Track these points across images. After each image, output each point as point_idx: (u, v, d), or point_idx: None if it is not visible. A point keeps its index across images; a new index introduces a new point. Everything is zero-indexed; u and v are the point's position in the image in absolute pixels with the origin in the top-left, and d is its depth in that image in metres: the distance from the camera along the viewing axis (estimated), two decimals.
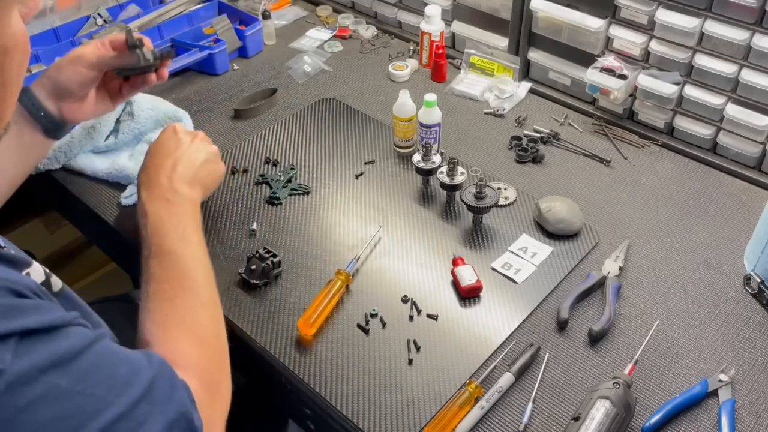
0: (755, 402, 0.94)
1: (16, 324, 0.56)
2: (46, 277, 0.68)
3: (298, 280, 1.12)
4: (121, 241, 1.23)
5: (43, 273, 0.67)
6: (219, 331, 0.89)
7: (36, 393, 0.55)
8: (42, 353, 0.57)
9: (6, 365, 0.53)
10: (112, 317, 0.78)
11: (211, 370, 0.83)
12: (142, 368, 0.66)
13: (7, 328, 0.55)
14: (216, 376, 0.83)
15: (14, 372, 0.54)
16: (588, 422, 0.86)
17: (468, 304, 1.08)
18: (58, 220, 1.91)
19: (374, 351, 1.00)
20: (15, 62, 0.61)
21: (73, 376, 0.58)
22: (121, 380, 0.62)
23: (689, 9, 1.27)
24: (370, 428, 0.91)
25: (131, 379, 0.63)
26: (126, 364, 0.65)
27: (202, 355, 0.82)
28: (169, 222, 0.97)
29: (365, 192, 1.29)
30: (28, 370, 0.55)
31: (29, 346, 0.56)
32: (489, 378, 0.97)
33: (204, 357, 0.82)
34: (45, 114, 1.08)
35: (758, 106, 1.26)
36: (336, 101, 1.54)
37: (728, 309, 1.07)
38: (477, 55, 1.61)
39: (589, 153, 1.38)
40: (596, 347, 1.01)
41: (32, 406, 0.54)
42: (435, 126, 1.32)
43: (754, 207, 1.25)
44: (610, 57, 1.41)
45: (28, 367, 0.55)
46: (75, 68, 1.07)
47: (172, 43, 1.60)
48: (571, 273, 1.12)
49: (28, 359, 0.55)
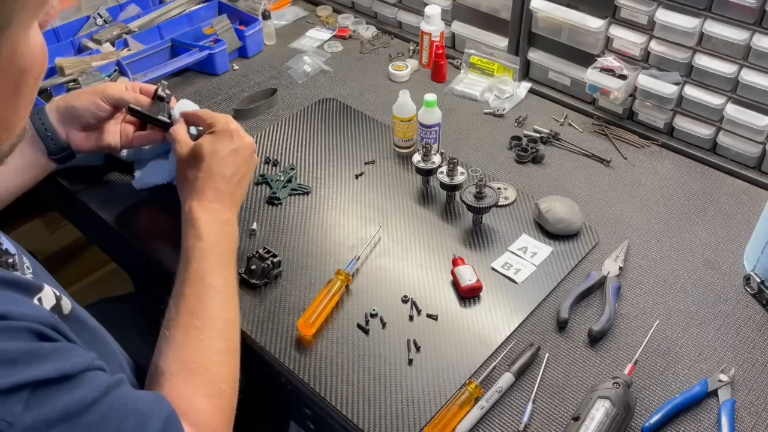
0: (755, 402, 0.94)
1: (33, 373, 0.54)
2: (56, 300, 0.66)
3: (298, 280, 1.12)
4: (121, 241, 1.23)
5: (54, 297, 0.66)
6: (235, 383, 0.86)
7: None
8: (53, 406, 0.55)
9: (16, 419, 0.52)
10: (112, 317, 0.78)
11: (221, 426, 0.81)
12: (150, 420, 0.64)
13: (22, 378, 0.54)
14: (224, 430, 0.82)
15: (22, 426, 0.53)
16: (588, 422, 0.86)
17: (468, 304, 1.08)
18: (58, 220, 1.91)
19: (374, 351, 1.00)
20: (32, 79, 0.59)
21: (80, 430, 0.57)
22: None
23: (689, 9, 1.27)
24: (370, 428, 0.91)
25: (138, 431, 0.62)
26: (134, 417, 0.63)
27: (216, 412, 0.80)
28: (219, 252, 0.93)
29: (365, 192, 1.29)
30: (36, 423, 0.54)
31: (42, 398, 0.55)
32: (489, 378, 0.97)
33: (217, 414, 0.80)
34: (52, 135, 1.08)
35: (758, 106, 1.26)
36: (336, 101, 1.54)
37: (728, 309, 1.07)
38: (477, 55, 1.61)
39: (589, 153, 1.38)
40: (596, 347, 1.01)
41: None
42: (435, 126, 1.32)
43: (754, 207, 1.25)
44: (610, 57, 1.41)
45: (37, 421, 0.54)
46: (93, 99, 1.07)
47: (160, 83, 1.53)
48: (571, 273, 1.13)
49: (38, 412, 0.54)
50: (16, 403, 0.53)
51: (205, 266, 0.90)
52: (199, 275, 0.89)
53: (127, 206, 1.25)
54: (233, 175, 1.02)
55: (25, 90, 0.58)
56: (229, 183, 1.01)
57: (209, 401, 0.79)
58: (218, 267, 0.91)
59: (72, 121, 1.08)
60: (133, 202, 1.25)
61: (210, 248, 0.92)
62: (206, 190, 0.99)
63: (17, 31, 0.54)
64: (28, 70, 0.57)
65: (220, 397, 0.81)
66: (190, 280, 0.88)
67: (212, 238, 0.93)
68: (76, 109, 1.07)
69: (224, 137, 1.03)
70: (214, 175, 1.00)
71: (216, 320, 0.86)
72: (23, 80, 0.57)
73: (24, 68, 0.56)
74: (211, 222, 0.95)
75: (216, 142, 1.02)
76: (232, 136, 1.04)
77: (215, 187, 0.99)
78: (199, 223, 0.94)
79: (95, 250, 1.42)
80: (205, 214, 0.96)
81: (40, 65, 0.59)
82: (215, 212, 0.97)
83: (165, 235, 1.18)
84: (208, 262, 0.90)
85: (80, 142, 1.11)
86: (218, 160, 1.01)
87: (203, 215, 0.96)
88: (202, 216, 0.95)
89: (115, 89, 1.08)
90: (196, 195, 0.98)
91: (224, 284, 0.91)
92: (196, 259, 0.90)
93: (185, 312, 0.85)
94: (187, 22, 1.72)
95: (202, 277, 0.89)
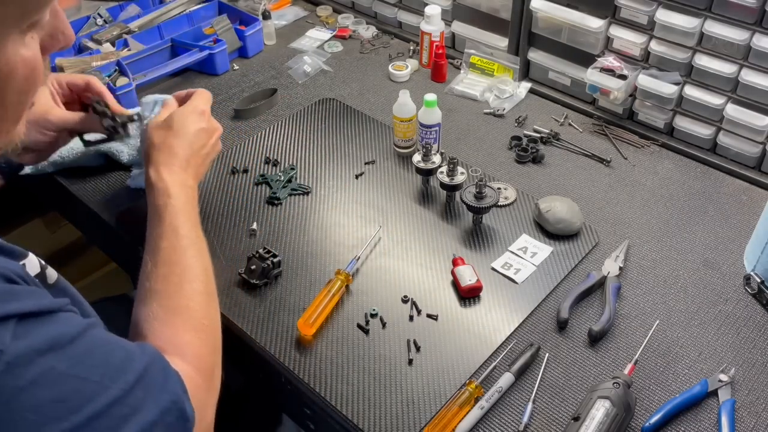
0: (755, 402, 0.94)
1: (13, 307, 0.56)
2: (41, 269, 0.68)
3: (298, 280, 1.12)
4: (121, 241, 1.23)
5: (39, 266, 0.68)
6: (217, 321, 0.90)
7: (34, 374, 0.55)
8: (39, 336, 0.57)
9: (5, 346, 0.54)
10: (112, 317, 0.78)
11: (209, 358, 0.84)
12: (135, 356, 0.67)
13: (5, 310, 0.55)
14: (212, 364, 0.84)
15: (13, 353, 0.54)
16: (588, 422, 0.86)
17: (468, 304, 1.08)
18: (58, 220, 1.91)
19: (374, 351, 1.00)
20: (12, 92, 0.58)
21: (69, 359, 0.59)
22: (115, 366, 0.63)
23: (689, 9, 1.27)
24: (370, 428, 0.91)
25: (125, 365, 0.64)
26: (120, 351, 0.66)
27: (202, 345, 0.83)
28: (188, 208, 0.97)
29: (365, 192, 1.29)
30: (26, 351, 0.55)
31: (27, 329, 0.57)
32: (489, 378, 0.97)
33: (204, 346, 0.83)
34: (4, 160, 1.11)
35: (758, 106, 1.26)
36: (336, 101, 1.54)
37: (728, 309, 1.07)
38: (477, 55, 1.61)
39: (589, 153, 1.38)
40: (596, 347, 1.01)
41: (31, 386, 0.55)
42: (435, 126, 1.32)
43: (754, 207, 1.25)
44: (610, 57, 1.41)
45: (27, 349, 0.56)
46: (41, 131, 1.08)
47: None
48: (571, 273, 1.12)
49: (26, 341, 0.56)
50: (4, 332, 0.54)
51: (177, 221, 0.93)
52: (173, 228, 0.92)
53: (127, 206, 1.25)
54: (200, 149, 1.04)
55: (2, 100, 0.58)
56: (196, 155, 1.03)
57: (194, 335, 0.83)
58: (189, 223, 0.95)
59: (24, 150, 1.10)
60: (133, 202, 1.25)
61: (181, 207, 0.95)
62: (174, 156, 1.01)
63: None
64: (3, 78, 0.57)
65: (204, 330, 0.85)
66: (165, 234, 0.92)
67: (182, 199, 0.97)
68: (28, 144, 1.08)
69: (195, 114, 1.06)
70: (183, 144, 1.03)
71: (193, 267, 0.90)
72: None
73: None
74: (179, 184, 0.98)
75: (188, 116, 1.05)
76: (204, 114, 1.07)
77: (183, 155, 1.02)
78: (167, 184, 0.97)
79: (95, 250, 1.42)
80: (173, 176, 0.99)
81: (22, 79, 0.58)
82: (182, 177, 1.00)
83: None
84: (180, 218, 0.94)
85: (34, 160, 1.15)
86: (188, 132, 1.04)
87: (171, 178, 0.98)
88: (171, 178, 0.98)
89: (56, 119, 1.09)
90: (164, 159, 1.01)
91: (197, 237, 0.94)
92: (168, 215, 0.94)
93: (162, 263, 0.88)
94: (187, 22, 1.72)
95: (176, 230, 0.92)
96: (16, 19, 0.55)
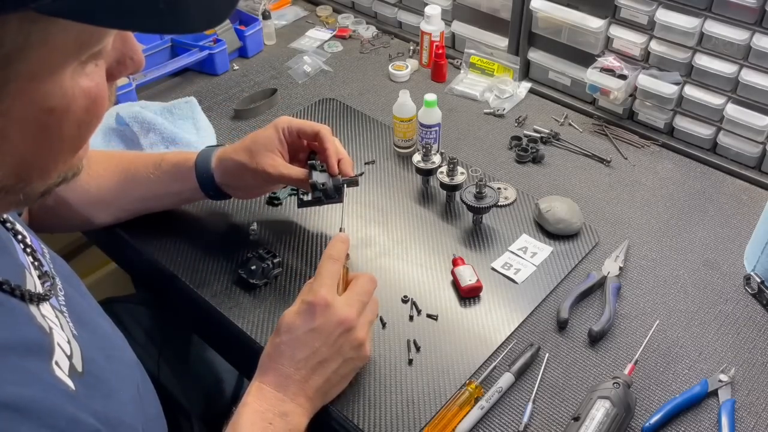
0: (755, 402, 0.94)
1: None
2: (68, 360, 0.61)
3: (298, 280, 1.12)
4: (121, 241, 1.22)
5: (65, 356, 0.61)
6: None
7: None
8: None
9: None
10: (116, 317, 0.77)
11: None
12: None
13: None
14: None
15: None
16: (588, 422, 0.86)
17: (468, 304, 1.08)
18: None
19: (374, 351, 1.00)
20: (69, 123, 0.53)
21: None
22: None
23: (689, 9, 1.27)
24: (370, 428, 0.91)
25: None
26: None
27: None
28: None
29: (365, 192, 1.29)
30: None
31: None
32: (489, 378, 0.97)
33: None
34: (213, 190, 1.09)
35: (758, 106, 1.26)
36: (336, 101, 1.54)
37: (728, 309, 1.07)
38: (477, 55, 1.61)
39: (589, 153, 1.38)
40: (596, 347, 1.01)
41: None
42: (435, 126, 1.32)
43: (754, 207, 1.25)
44: (610, 57, 1.41)
45: None
46: (255, 175, 1.05)
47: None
48: (571, 273, 1.12)
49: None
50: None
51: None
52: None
53: None
54: (307, 359, 0.84)
55: (59, 132, 0.53)
56: (300, 368, 0.83)
57: None
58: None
59: (235, 188, 1.09)
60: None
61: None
62: (269, 371, 0.84)
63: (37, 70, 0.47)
64: (59, 111, 0.51)
65: None
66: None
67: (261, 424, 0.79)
68: (240, 185, 1.08)
69: (307, 311, 0.86)
70: (282, 356, 0.84)
71: None
72: (52, 122, 0.51)
73: (52, 108, 0.50)
74: (259, 413, 0.80)
75: (296, 316, 0.86)
76: (315, 311, 0.85)
77: (279, 369, 0.84)
78: (243, 411, 0.81)
79: (95, 250, 1.42)
80: (258, 401, 0.82)
81: (81, 111, 0.53)
82: (270, 401, 0.82)
83: (165, 235, 1.18)
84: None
85: (242, 196, 1.17)
86: (291, 339, 0.84)
87: (255, 402, 0.81)
88: (253, 403, 0.81)
89: (275, 173, 1.04)
90: (260, 373, 0.85)
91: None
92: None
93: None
94: None
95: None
96: (75, 50, 0.49)
